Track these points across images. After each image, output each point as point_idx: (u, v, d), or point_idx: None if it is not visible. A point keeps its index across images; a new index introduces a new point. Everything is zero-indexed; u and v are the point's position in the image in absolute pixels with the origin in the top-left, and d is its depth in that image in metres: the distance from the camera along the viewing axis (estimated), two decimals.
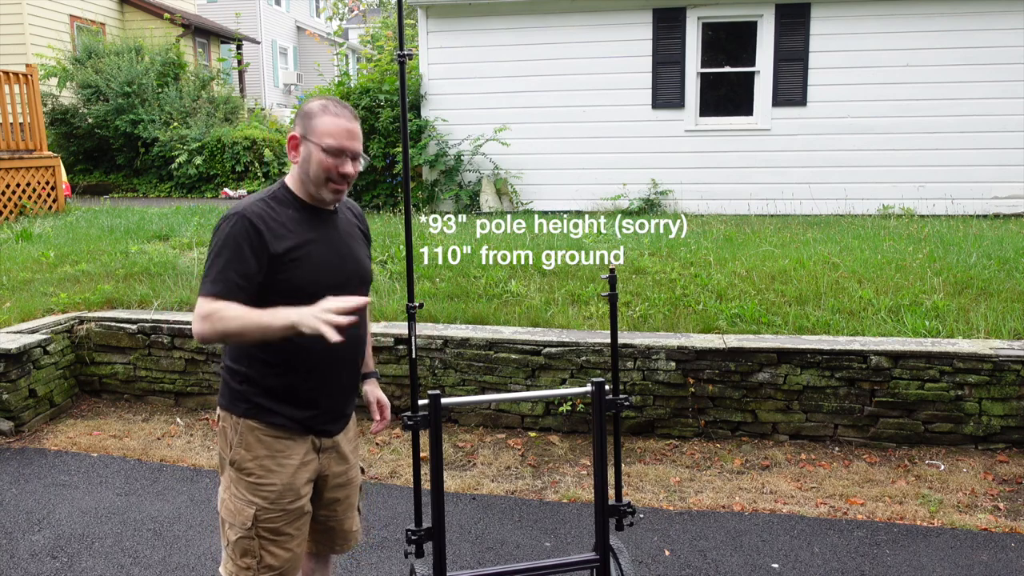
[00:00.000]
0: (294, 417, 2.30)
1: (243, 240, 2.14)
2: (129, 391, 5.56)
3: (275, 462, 2.29)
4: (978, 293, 5.56)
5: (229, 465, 2.32)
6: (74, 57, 15.48)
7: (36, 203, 9.81)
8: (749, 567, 3.49)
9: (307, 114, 2.24)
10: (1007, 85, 9.44)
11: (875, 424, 4.68)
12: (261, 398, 2.28)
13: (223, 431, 2.35)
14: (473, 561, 3.56)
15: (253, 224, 2.15)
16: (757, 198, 9.99)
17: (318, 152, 2.20)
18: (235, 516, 2.31)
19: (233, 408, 2.32)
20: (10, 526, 3.89)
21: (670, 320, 5.26)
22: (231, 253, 2.13)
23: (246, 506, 2.29)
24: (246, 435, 2.29)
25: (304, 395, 2.31)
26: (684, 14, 9.98)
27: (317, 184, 2.24)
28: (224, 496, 2.35)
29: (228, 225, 2.16)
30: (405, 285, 3.68)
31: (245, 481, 2.30)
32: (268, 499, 2.28)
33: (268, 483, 2.28)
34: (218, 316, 2.08)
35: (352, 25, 28.04)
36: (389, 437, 4.94)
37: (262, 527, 2.29)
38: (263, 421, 2.29)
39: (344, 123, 2.21)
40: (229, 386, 2.34)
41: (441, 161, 10.34)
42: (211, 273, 2.14)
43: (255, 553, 2.30)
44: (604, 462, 2.76)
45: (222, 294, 2.11)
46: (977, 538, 3.70)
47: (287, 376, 2.28)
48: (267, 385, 2.28)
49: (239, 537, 2.30)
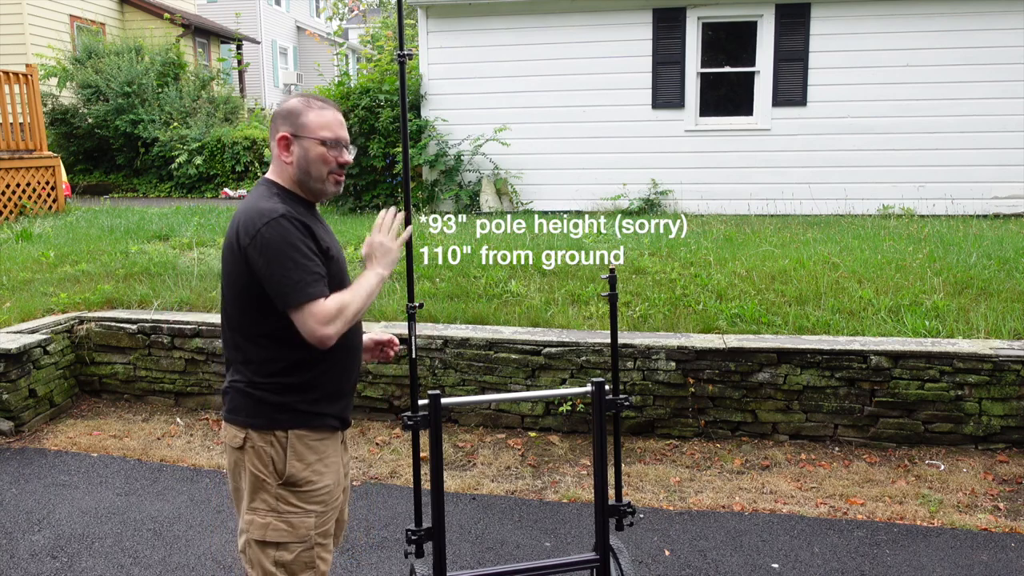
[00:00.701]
0: (332, 413, 2.28)
1: (298, 239, 2.09)
2: (129, 391, 5.56)
3: (323, 464, 2.26)
4: (978, 293, 5.56)
5: (278, 486, 2.20)
6: (74, 57, 15.48)
7: (36, 203, 9.82)
8: (749, 567, 3.49)
9: (292, 112, 2.21)
10: (1007, 85, 9.44)
11: (875, 424, 4.68)
12: (305, 404, 2.22)
13: (257, 453, 2.20)
14: (473, 561, 3.56)
15: (299, 220, 2.12)
16: (757, 198, 9.99)
17: (317, 147, 2.19)
18: (293, 533, 2.21)
19: (275, 424, 2.20)
20: (10, 526, 3.89)
21: (670, 320, 5.26)
22: (297, 252, 2.07)
23: (306, 516, 2.22)
24: (296, 446, 2.21)
25: (336, 385, 2.28)
26: (684, 14, 9.98)
27: (319, 179, 2.22)
28: (267, 521, 2.21)
29: (276, 229, 2.08)
30: (405, 285, 3.68)
31: (300, 493, 2.22)
32: (324, 502, 2.26)
33: (322, 486, 2.25)
34: (340, 314, 2.07)
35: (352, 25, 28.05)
36: (389, 437, 4.95)
37: (318, 532, 2.25)
38: (309, 427, 2.23)
39: (334, 114, 2.24)
40: (265, 403, 2.20)
41: (441, 161, 10.34)
42: (294, 276, 2.05)
43: (313, 562, 2.24)
44: (604, 462, 2.76)
45: (320, 292, 2.07)
46: (977, 538, 3.70)
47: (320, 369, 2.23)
48: (310, 386, 2.22)
49: (300, 552, 2.21)
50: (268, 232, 2.06)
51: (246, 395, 2.21)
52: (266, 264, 2.06)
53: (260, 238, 2.07)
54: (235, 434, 2.23)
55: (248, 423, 2.21)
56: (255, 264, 2.09)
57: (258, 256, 2.07)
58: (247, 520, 2.24)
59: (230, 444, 2.25)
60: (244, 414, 2.21)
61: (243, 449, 2.21)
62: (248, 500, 2.24)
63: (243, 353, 2.22)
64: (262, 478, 2.20)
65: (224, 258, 2.21)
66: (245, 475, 2.23)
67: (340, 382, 2.30)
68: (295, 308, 2.06)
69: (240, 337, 2.22)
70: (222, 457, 4.71)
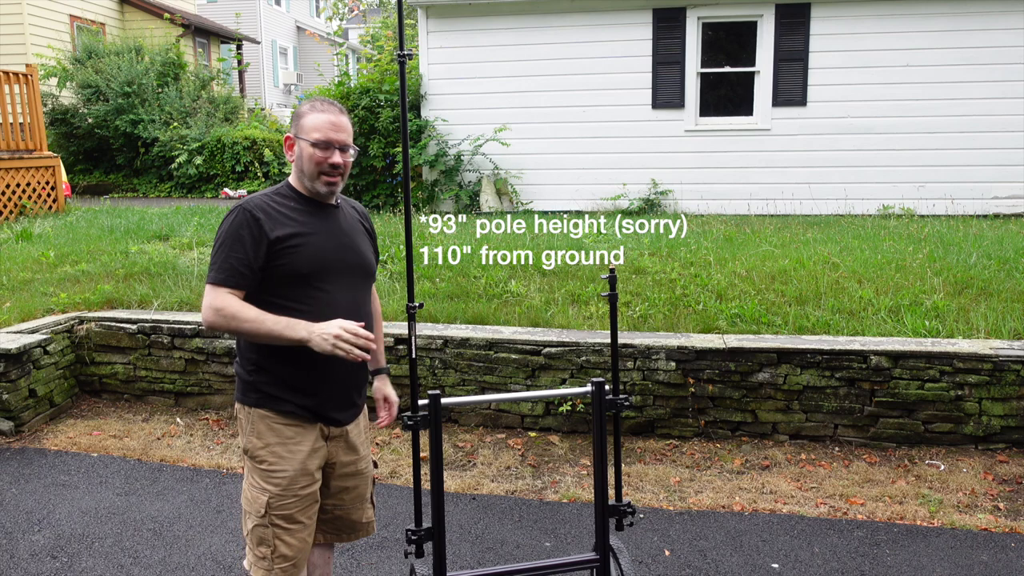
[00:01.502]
0: (301, 404, 2.40)
1: (243, 229, 2.29)
2: (129, 391, 5.56)
3: (286, 448, 2.39)
4: (978, 293, 5.56)
5: (245, 455, 2.44)
6: (74, 57, 15.47)
7: (36, 203, 9.81)
8: (749, 567, 3.49)
9: (297, 115, 2.42)
10: (1007, 85, 9.44)
11: (875, 424, 4.68)
12: (270, 387, 2.39)
13: (240, 423, 2.47)
14: (473, 561, 3.56)
15: (252, 214, 2.31)
16: (757, 198, 9.99)
17: (308, 147, 2.36)
18: (251, 504, 2.41)
19: (245, 399, 2.43)
20: (10, 526, 3.89)
21: (670, 320, 5.26)
22: (233, 242, 2.29)
23: (260, 493, 2.39)
24: (257, 424, 2.40)
25: (307, 385, 2.41)
26: (684, 14, 9.98)
27: (311, 177, 2.38)
28: (244, 486, 2.47)
29: (231, 217, 2.32)
30: (405, 285, 3.68)
31: (259, 469, 2.40)
32: (280, 486, 2.38)
33: (280, 469, 2.38)
34: (232, 313, 2.25)
35: (352, 25, 28.05)
36: (389, 437, 4.95)
37: (275, 514, 2.38)
38: (273, 409, 2.39)
39: (329, 117, 2.37)
40: (242, 378, 2.44)
41: (441, 161, 10.34)
42: (216, 262, 2.30)
43: (270, 542, 2.39)
44: (604, 462, 2.76)
45: (227, 281, 2.28)
46: (977, 538, 3.70)
47: (290, 366, 2.38)
48: (275, 373, 2.38)
49: (255, 525, 2.40)
50: (227, 219, 2.34)
51: (237, 373, 2.49)
52: (213, 244, 2.36)
53: (221, 223, 2.37)
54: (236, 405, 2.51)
55: (236, 396, 2.50)
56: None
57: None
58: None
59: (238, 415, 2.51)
60: (237, 388, 2.50)
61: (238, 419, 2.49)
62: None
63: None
64: (242, 445, 2.49)
65: None
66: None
67: (311, 380, 2.40)
68: (207, 285, 2.31)
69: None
70: (222, 457, 4.72)
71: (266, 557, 2.39)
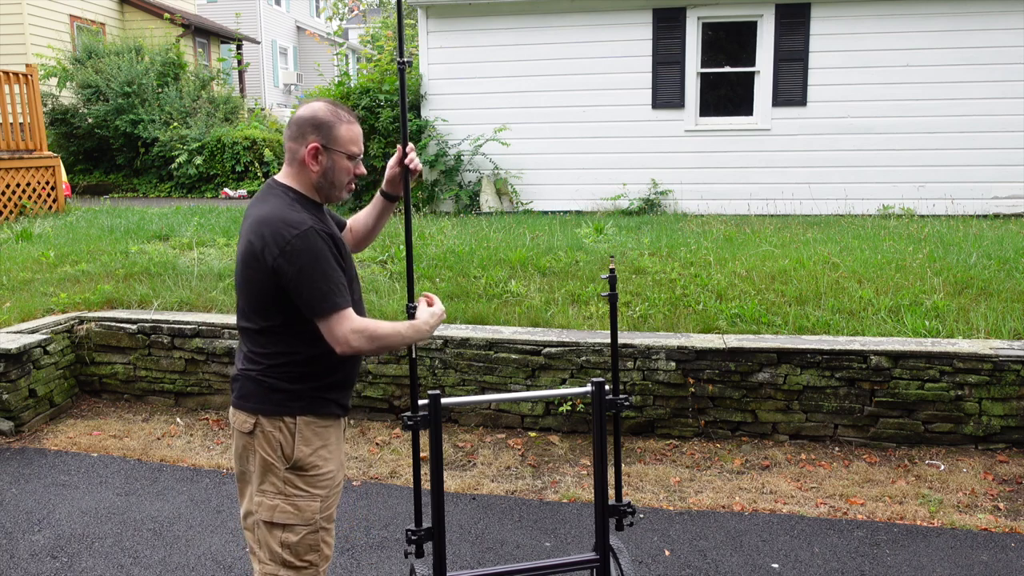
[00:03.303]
0: (338, 401, 2.41)
1: (327, 250, 2.22)
2: (129, 391, 5.56)
3: (328, 449, 2.37)
4: (978, 293, 5.56)
5: (286, 470, 2.30)
6: (74, 57, 15.47)
7: (36, 203, 9.82)
8: (749, 567, 3.49)
9: (323, 124, 2.29)
10: (1007, 85, 9.44)
11: (875, 424, 4.68)
12: (318, 391, 2.33)
13: (267, 438, 2.30)
14: (473, 561, 3.56)
15: (326, 232, 2.26)
16: (757, 198, 9.99)
17: (344, 160, 2.33)
18: (299, 516, 2.31)
19: (284, 410, 2.30)
20: (10, 526, 3.89)
21: (670, 320, 5.26)
22: (326, 263, 2.21)
23: (311, 501, 2.33)
24: (304, 431, 2.32)
25: (344, 379, 2.41)
26: (684, 14, 9.98)
27: (340, 187, 2.36)
28: (275, 503, 2.31)
29: (306, 241, 2.19)
30: (405, 285, 3.68)
31: (306, 476, 2.32)
32: (329, 486, 2.37)
33: (327, 470, 2.37)
34: (374, 334, 2.24)
35: (352, 25, 28.04)
36: (389, 437, 4.95)
37: (323, 516, 2.36)
38: (317, 413, 2.34)
39: (359, 129, 2.38)
40: (277, 388, 2.30)
41: (441, 161, 10.34)
42: (325, 286, 2.19)
43: (318, 545, 2.36)
44: (604, 462, 2.76)
45: (348, 302, 2.23)
46: (977, 538, 3.70)
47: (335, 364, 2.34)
48: (321, 375, 2.33)
49: (305, 535, 2.32)
50: (299, 244, 2.17)
51: (258, 383, 2.30)
52: (296, 274, 2.17)
53: (291, 249, 2.17)
54: (244, 419, 2.32)
55: (258, 409, 2.30)
56: (285, 273, 2.18)
57: (288, 266, 2.17)
58: (256, 502, 2.34)
59: (239, 429, 2.34)
60: (254, 400, 2.31)
61: (252, 434, 2.31)
62: (257, 483, 2.33)
63: (260, 345, 2.31)
64: (271, 462, 2.30)
65: (244, 262, 2.27)
66: (255, 459, 2.32)
67: (350, 372, 2.43)
68: (322, 317, 2.20)
69: (256, 332, 2.31)
70: (222, 457, 4.72)
71: (315, 563, 2.35)
